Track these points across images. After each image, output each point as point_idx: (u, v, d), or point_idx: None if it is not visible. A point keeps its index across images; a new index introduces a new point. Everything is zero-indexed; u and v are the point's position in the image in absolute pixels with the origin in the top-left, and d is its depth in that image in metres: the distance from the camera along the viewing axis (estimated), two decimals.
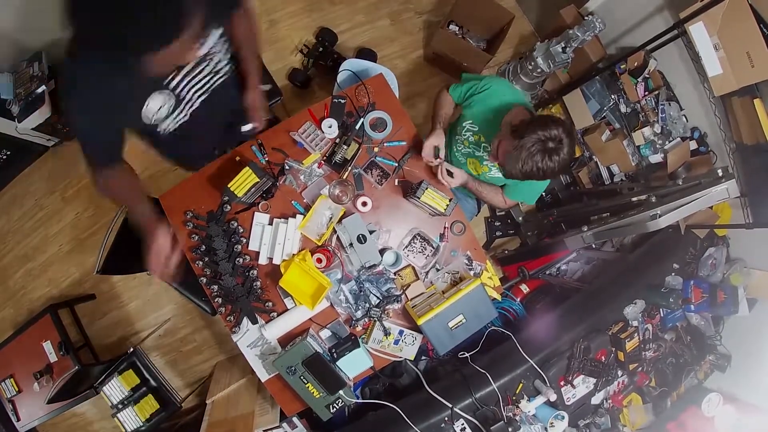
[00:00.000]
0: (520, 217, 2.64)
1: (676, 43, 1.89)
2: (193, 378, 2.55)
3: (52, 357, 2.14)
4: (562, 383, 1.68)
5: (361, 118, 1.59)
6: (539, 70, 2.35)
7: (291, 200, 1.57)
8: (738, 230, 1.93)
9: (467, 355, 1.69)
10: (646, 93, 2.13)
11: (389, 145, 1.62)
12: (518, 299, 2.21)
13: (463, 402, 1.58)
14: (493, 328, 1.78)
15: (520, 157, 1.25)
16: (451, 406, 1.56)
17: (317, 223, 1.54)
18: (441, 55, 2.61)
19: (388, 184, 1.61)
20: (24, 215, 2.61)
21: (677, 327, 1.97)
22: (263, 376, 1.56)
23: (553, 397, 1.59)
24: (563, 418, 1.61)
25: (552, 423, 1.60)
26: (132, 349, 2.23)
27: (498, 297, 1.68)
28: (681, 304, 1.85)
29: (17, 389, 2.18)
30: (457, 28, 2.67)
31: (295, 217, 1.53)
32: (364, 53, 2.65)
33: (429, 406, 1.58)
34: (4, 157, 2.50)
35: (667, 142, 2.09)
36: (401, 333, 1.55)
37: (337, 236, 1.53)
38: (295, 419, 1.74)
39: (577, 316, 1.81)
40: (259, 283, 1.52)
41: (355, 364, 1.50)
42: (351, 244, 1.48)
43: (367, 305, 1.52)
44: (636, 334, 1.77)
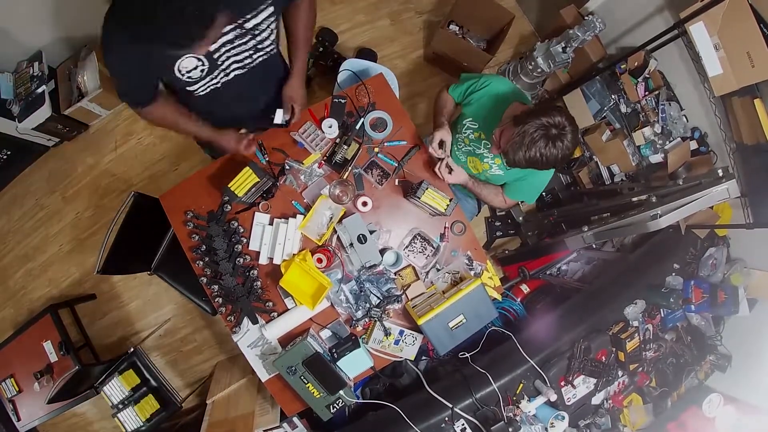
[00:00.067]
0: (520, 217, 2.64)
1: (676, 43, 1.89)
2: (193, 378, 2.55)
3: (53, 357, 2.14)
4: (562, 383, 1.68)
5: (362, 118, 1.59)
6: (539, 70, 2.35)
7: (291, 200, 1.57)
8: (738, 230, 1.93)
9: (467, 355, 1.69)
10: (647, 93, 2.13)
11: (389, 144, 1.62)
12: (518, 299, 2.21)
13: (464, 402, 1.58)
14: (493, 328, 1.78)
15: (523, 143, 1.24)
16: (451, 406, 1.56)
17: (317, 223, 1.54)
18: (441, 55, 2.61)
19: (389, 184, 1.61)
20: (24, 215, 2.61)
21: (678, 327, 1.96)
22: (263, 376, 1.56)
23: (553, 398, 1.59)
24: (563, 418, 1.61)
25: (552, 423, 1.60)
26: (132, 349, 2.23)
27: (498, 297, 1.68)
28: (681, 304, 1.85)
29: (17, 389, 2.18)
30: (458, 28, 2.67)
31: (295, 217, 1.53)
32: (365, 53, 2.65)
33: (429, 407, 1.58)
34: (4, 157, 2.50)
35: (667, 142, 2.09)
36: (401, 333, 1.55)
37: (338, 236, 1.53)
38: (296, 419, 1.74)
39: (578, 316, 1.81)
40: (259, 283, 1.52)
41: (356, 364, 1.50)
42: (351, 244, 1.48)
43: (368, 305, 1.52)
44: (636, 335, 1.77)
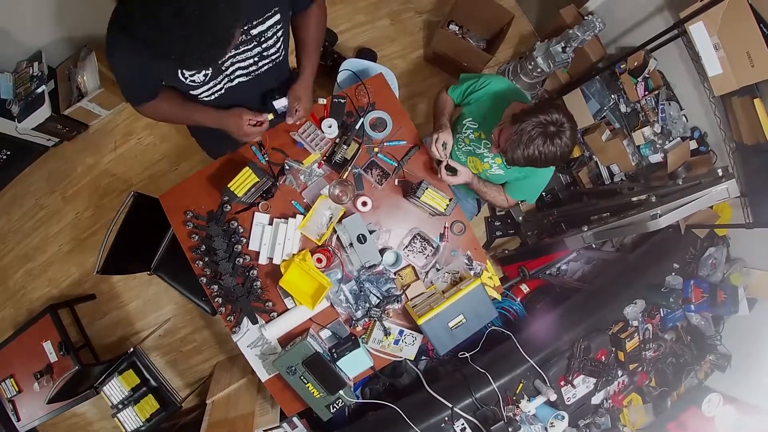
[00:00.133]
0: (520, 217, 2.64)
1: (676, 43, 1.89)
2: (193, 378, 2.55)
3: (53, 357, 2.14)
4: (562, 383, 1.68)
5: (361, 118, 1.59)
6: (539, 69, 2.35)
7: (291, 200, 1.57)
8: (738, 230, 1.93)
9: (467, 355, 1.69)
10: (646, 93, 2.13)
11: (389, 144, 1.62)
12: (518, 299, 2.21)
13: (463, 402, 1.58)
14: (493, 327, 1.78)
15: (521, 141, 1.24)
16: (451, 406, 1.56)
17: (317, 223, 1.54)
18: (441, 55, 2.61)
19: (388, 184, 1.61)
20: (24, 215, 2.61)
21: (677, 327, 1.96)
22: (263, 376, 1.56)
23: (553, 397, 1.59)
24: (563, 418, 1.61)
25: (552, 423, 1.60)
26: (132, 349, 2.23)
27: (498, 297, 1.68)
28: (681, 303, 1.85)
29: (17, 389, 2.18)
30: (457, 27, 2.67)
31: (295, 217, 1.53)
32: (364, 53, 2.65)
33: (429, 406, 1.58)
34: (4, 157, 2.50)
35: (667, 142, 2.09)
36: (401, 333, 1.55)
37: (337, 236, 1.53)
38: (296, 419, 1.74)
39: (578, 315, 1.81)
40: (259, 283, 1.52)
41: (355, 364, 1.50)
42: (351, 244, 1.48)
43: (367, 305, 1.52)
44: (636, 334, 1.77)
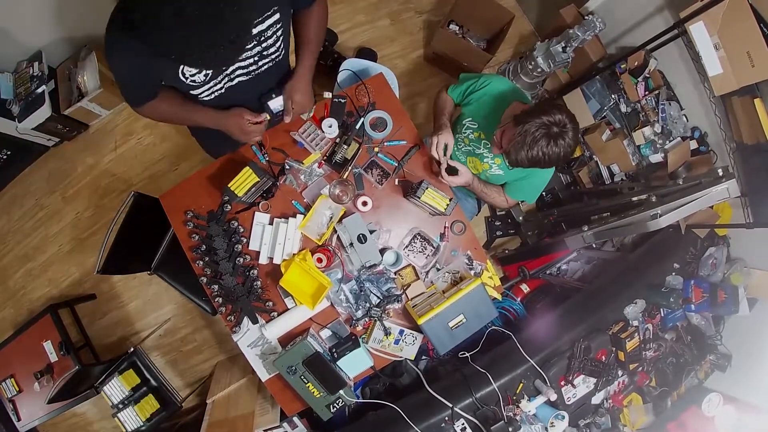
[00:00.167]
0: (520, 217, 2.64)
1: (676, 43, 1.89)
2: (193, 378, 2.55)
3: (53, 357, 2.14)
4: (562, 383, 1.68)
5: (362, 118, 1.59)
6: (539, 69, 2.35)
7: (291, 200, 1.57)
8: (738, 230, 1.93)
9: (467, 354, 1.68)
10: (647, 93, 2.13)
11: (389, 144, 1.62)
12: (518, 299, 2.21)
13: (464, 402, 1.58)
14: (493, 327, 1.78)
15: (524, 142, 1.24)
16: (451, 405, 1.56)
17: (317, 223, 1.54)
18: (441, 54, 2.61)
19: (389, 184, 1.61)
20: (24, 215, 2.61)
21: (678, 327, 1.96)
22: (263, 375, 1.56)
23: (553, 397, 1.59)
24: (563, 417, 1.61)
25: (552, 423, 1.60)
26: (132, 349, 2.23)
27: (498, 297, 1.68)
28: (681, 303, 1.85)
29: (18, 389, 2.18)
30: (457, 27, 2.67)
31: (295, 217, 1.53)
32: (364, 53, 2.65)
33: (429, 406, 1.58)
34: (4, 157, 2.50)
35: (667, 142, 2.09)
36: (401, 333, 1.55)
37: (338, 236, 1.53)
38: (296, 419, 1.74)
39: (578, 315, 1.81)
40: (259, 282, 1.52)
41: (356, 363, 1.49)
42: (351, 244, 1.48)
43: (368, 305, 1.52)
44: (636, 334, 1.77)
